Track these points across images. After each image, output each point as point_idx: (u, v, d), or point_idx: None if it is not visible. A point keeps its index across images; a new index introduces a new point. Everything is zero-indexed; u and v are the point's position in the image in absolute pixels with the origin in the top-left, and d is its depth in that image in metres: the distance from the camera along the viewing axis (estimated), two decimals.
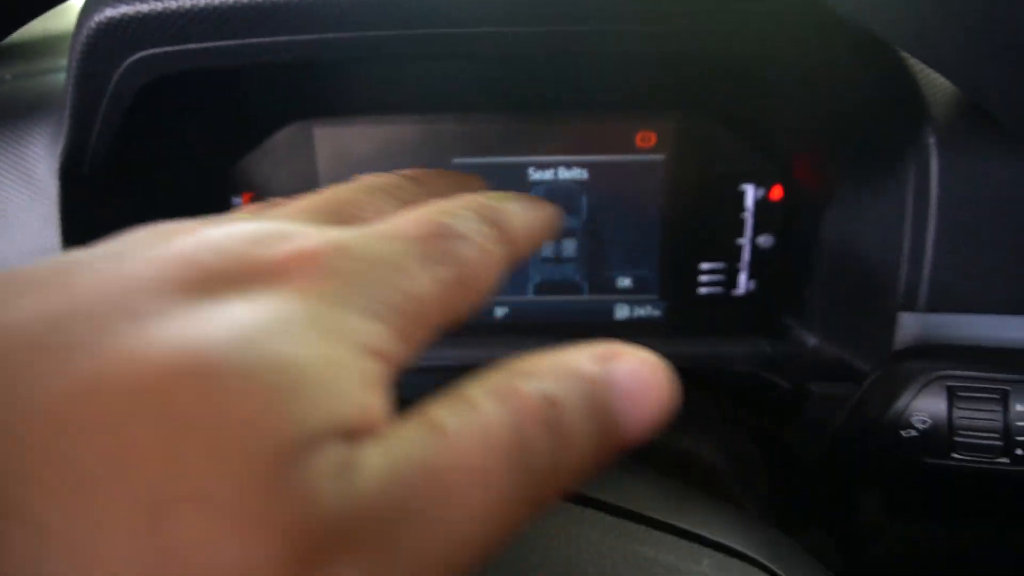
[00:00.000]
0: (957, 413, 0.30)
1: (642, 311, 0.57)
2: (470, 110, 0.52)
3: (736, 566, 0.23)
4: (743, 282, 0.56)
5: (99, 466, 0.09)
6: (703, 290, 0.56)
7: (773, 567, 0.23)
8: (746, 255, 0.55)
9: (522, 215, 0.20)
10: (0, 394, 0.10)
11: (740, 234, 0.54)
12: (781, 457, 0.44)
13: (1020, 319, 0.37)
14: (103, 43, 0.37)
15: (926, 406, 0.31)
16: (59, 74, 0.48)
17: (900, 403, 0.32)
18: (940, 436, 0.31)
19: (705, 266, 0.56)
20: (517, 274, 0.56)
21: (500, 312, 0.57)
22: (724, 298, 0.56)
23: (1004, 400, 0.30)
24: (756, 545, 0.24)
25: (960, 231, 0.39)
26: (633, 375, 0.15)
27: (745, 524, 0.26)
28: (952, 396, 0.31)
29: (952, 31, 0.17)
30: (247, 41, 0.38)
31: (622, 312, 0.57)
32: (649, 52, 0.42)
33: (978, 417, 0.30)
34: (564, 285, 0.56)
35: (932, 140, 0.39)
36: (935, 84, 0.40)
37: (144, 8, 0.36)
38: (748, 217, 0.54)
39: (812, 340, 0.52)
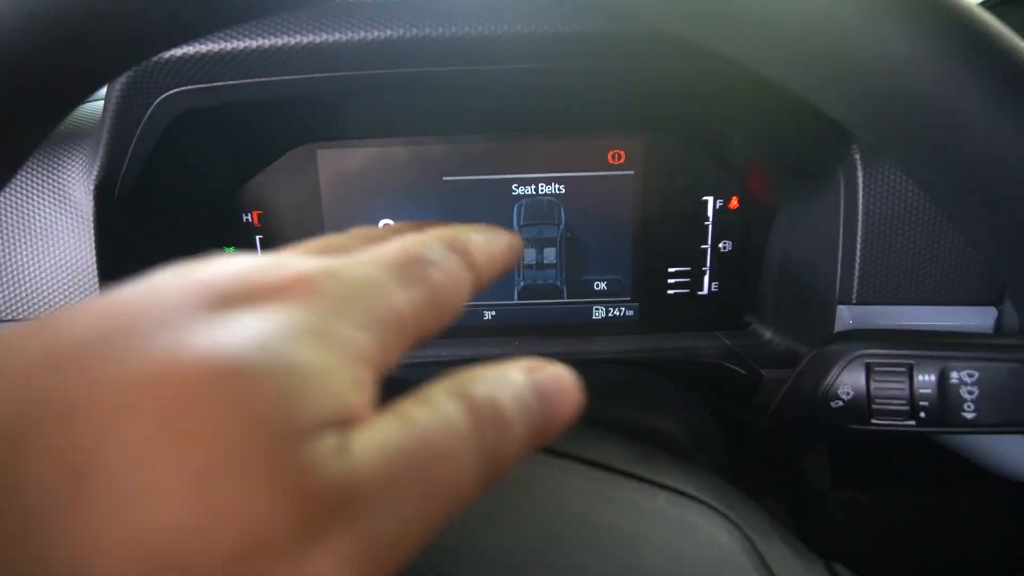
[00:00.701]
0: (873, 385, 0.36)
1: (617, 312, 0.63)
2: (458, 133, 0.58)
3: (688, 503, 0.28)
4: (707, 283, 0.62)
5: (158, 440, 0.12)
6: (672, 291, 0.62)
7: (720, 507, 0.29)
8: (709, 259, 0.61)
9: (485, 244, 0.22)
10: (80, 383, 0.13)
11: (703, 240, 0.61)
12: (739, 434, 0.50)
13: (925, 308, 0.43)
14: (139, 83, 0.43)
15: (849, 380, 0.37)
16: (91, 105, 0.53)
17: (828, 379, 0.37)
18: (861, 405, 0.37)
19: (673, 270, 0.62)
20: (503, 280, 0.62)
21: (488, 315, 0.63)
22: (691, 298, 0.62)
23: (909, 373, 0.36)
24: (707, 490, 0.30)
25: (883, 235, 0.45)
26: (551, 382, 0.18)
27: (698, 476, 0.31)
28: (869, 371, 0.37)
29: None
30: (263, 80, 0.43)
31: (599, 313, 0.63)
32: (618, 82, 0.48)
33: (890, 387, 0.36)
34: (545, 289, 0.62)
35: (858, 157, 0.45)
36: None
37: (176, 53, 0.41)
38: (710, 225, 0.60)
39: (767, 333, 0.59)
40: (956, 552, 0.53)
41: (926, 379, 0.35)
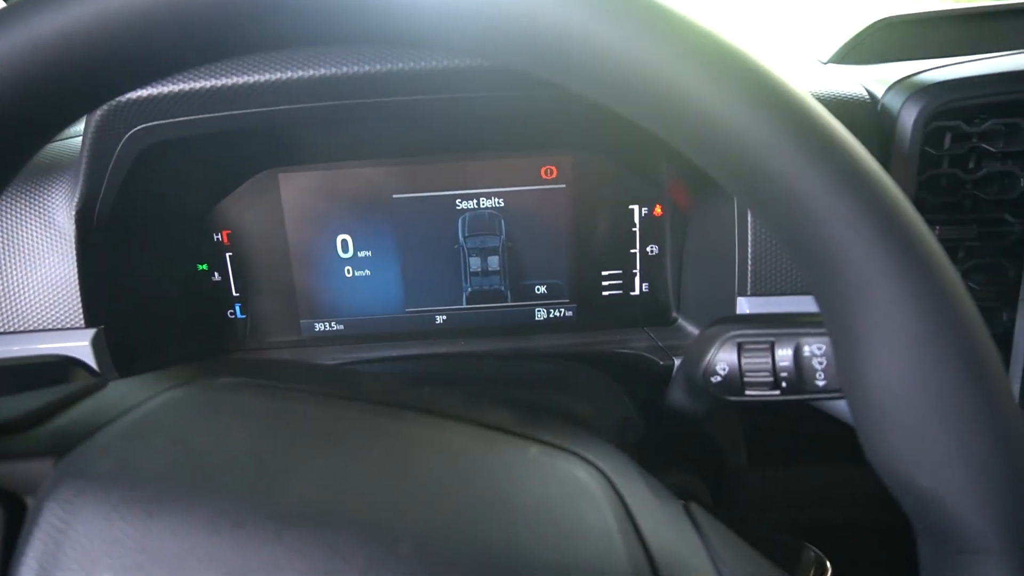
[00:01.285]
0: (744, 361, 0.42)
1: (557, 313, 0.69)
2: (406, 155, 0.64)
3: (557, 452, 0.33)
4: (638, 284, 0.68)
5: None
6: (606, 292, 0.68)
7: (587, 455, 0.34)
8: (639, 262, 0.67)
9: None
10: None
11: (632, 245, 0.67)
12: (658, 418, 0.56)
13: (791, 298, 0.50)
14: (111, 119, 0.49)
15: (724, 358, 0.43)
16: (72, 140, 0.59)
17: (708, 357, 0.43)
18: (735, 379, 0.42)
19: (606, 273, 0.68)
20: (452, 288, 0.68)
21: (440, 319, 0.69)
22: (624, 298, 0.68)
23: (772, 349, 0.42)
24: (580, 444, 0.35)
25: (768, 241, 0.51)
26: None
27: (577, 435, 0.36)
28: (740, 349, 0.42)
29: None
30: (218, 114, 0.50)
31: (541, 314, 0.69)
32: (548, 106, 0.55)
33: (757, 362, 0.42)
34: (491, 294, 0.68)
35: None
36: None
37: (143, 93, 0.48)
38: (637, 231, 0.66)
39: (690, 327, 0.65)
40: (867, 520, 0.59)
41: (785, 353, 0.41)
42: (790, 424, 0.59)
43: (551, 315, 0.69)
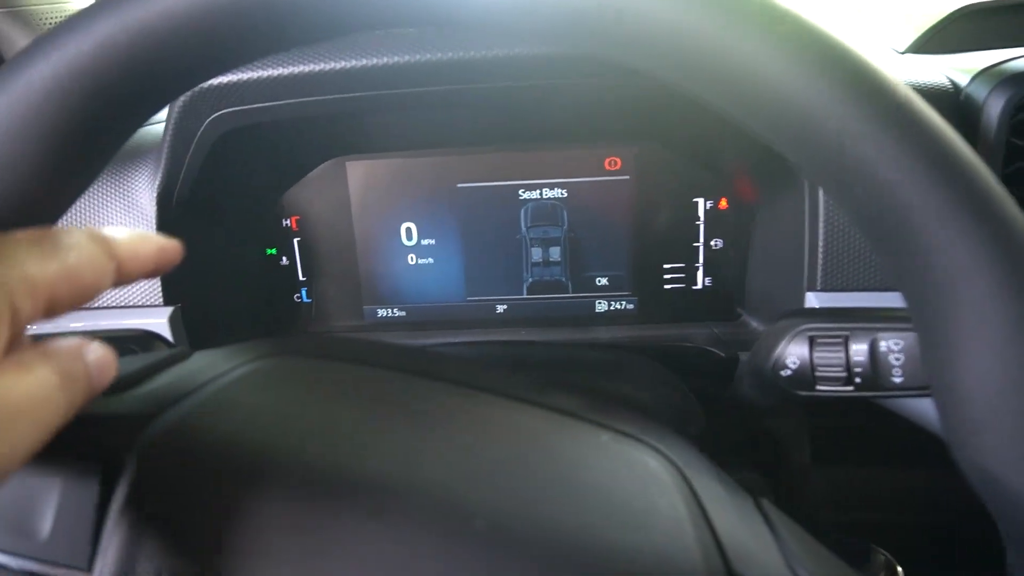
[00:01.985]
0: (816, 355, 0.41)
1: (618, 305, 0.68)
2: (471, 145, 0.65)
3: (628, 440, 0.33)
4: (701, 278, 0.67)
5: None
6: (668, 286, 0.67)
7: (658, 445, 0.34)
8: (702, 256, 0.66)
9: (129, 243, 0.26)
10: None
11: (696, 239, 0.66)
12: (719, 413, 0.55)
13: (882, 294, 0.48)
14: (194, 105, 0.51)
15: (795, 352, 0.42)
16: (154, 126, 0.62)
17: (778, 351, 0.42)
18: (806, 374, 0.41)
19: (668, 266, 0.67)
20: (513, 277, 0.68)
21: (500, 308, 0.69)
22: (686, 292, 0.67)
23: (845, 343, 0.40)
24: (650, 434, 0.35)
25: (842, 230, 0.50)
26: (94, 354, 0.25)
27: (647, 425, 0.36)
28: (812, 343, 0.41)
29: None
30: (296, 100, 0.51)
31: (601, 306, 0.69)
32: (614, 96, 0.54)
33: (829, 357, 0.41)
34: (552, 285, 0.68)
35: None
36: None
37: (224, 80, 0.49)
38: (701, 225, 0.65)
39: (755, 322, 0.63)
40: (934, 524, 0.57)
41: (860, 348, 0.40)
42: (857, 424, 0.58)
43: (611, 307, 0.68)
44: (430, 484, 0.27)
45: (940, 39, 0.62)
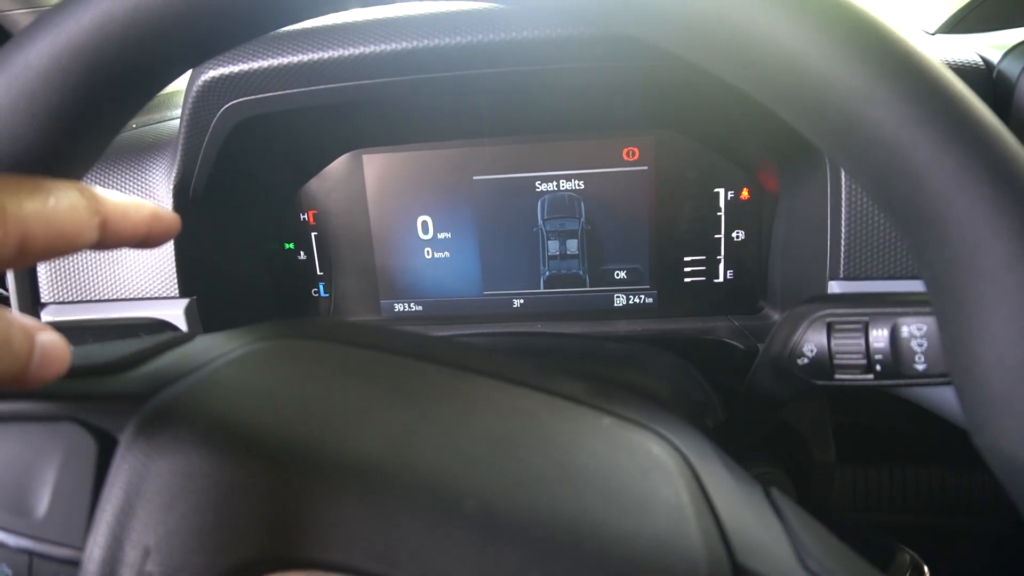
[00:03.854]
0: (834, 342, 0.39)
1: (637, 299, 0.67)
2: (487, 136, 0.64)
3: (630, 425, 0.32)
4: (722, 271, 0.65)
5: None
6: (688, 279, 0.66)
7: (662, 431, 0.33)
8: (723, 248, 0.65)
9: (119, 204, 0.26)
10: None
11: (717, 230, 0.64)
12: (739, 406, 0.53)
13: (906, 282, 0.46)
14: (207, 94, 0.51)
15: (813, 339, 0.40)
16: (169, 122, 0.62)
17: (795, 338, 0.41)
18: (824, 361, 0.40)
19: (689, 259, 0.65)
20: (529, 271, 0.67)
21: (517, 303, 0.68)
22: (707, 285, 0.66)
23: (865, 329, 0.39)
24: (654, 420, 0.34)
25: (865, 217, 0.48)
26: (46, 338, 0.25)
27: (651, 410, 0.35)
28: (830, 330, 0.40)
29: None
30: (310, 88, 0.51)
31: (620, 300, 0.67)
32: (631, 83, 0.53)
33: (848, 343, 0.39)
34: (569, 278, 0.67)
35: None
36: None
37: (235, 68, 0.50)
38: (722, 216, 0.64)
39: (776, 315, 0.62)
40: (960, 526, 0.55)
41: (880, 334, 0.38)
42: (882, 421, 0.55)
43: (630, 301, 0.67)
44: (419, 464, 0.26)
45: (971, 19, 0.60)
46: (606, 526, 0.25)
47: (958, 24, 0.61)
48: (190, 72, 0.53)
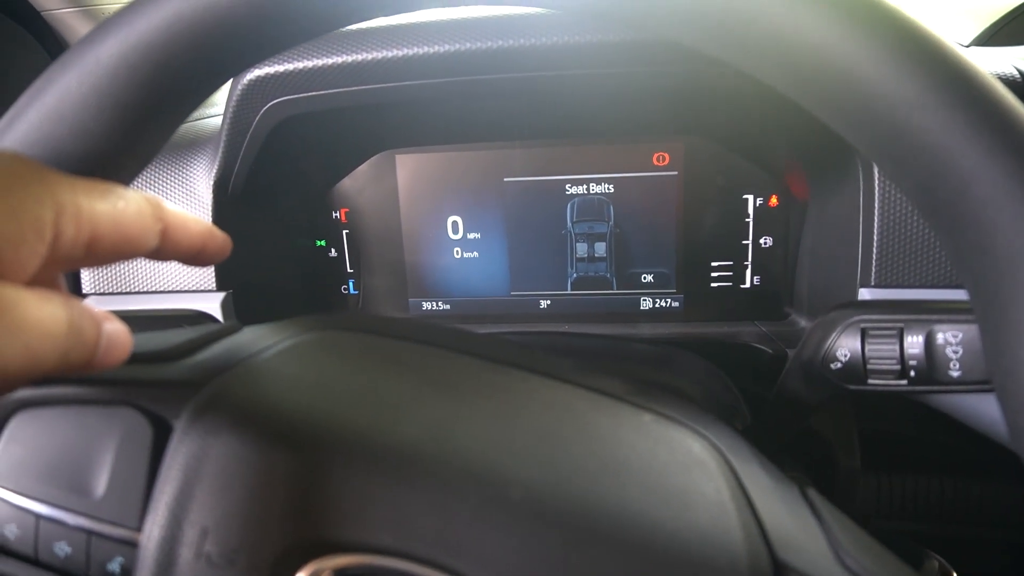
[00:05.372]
0: (868, 348, 0.40)
1: (663, 303, 0.68)
2: (518, 139, 0.65)
3: (670, 423, 0.33)
4: (749, 277, 0.66)
5: None
6: (715, 284, 0.66)
7: (701, 429, 0.33)
8: (751, 254, 0.65)
9: (181, 217, 0.27)
10: None
11: (745, 236, 0.65)
12: (766, 411, 0.54)
13: (938, 291, 0.47)
14: (251, 93, 0.52)
15: (846, 344, 0.41)
16: (209, 120, 0.64)
17: (828, 343, 0.41)
18: (857, 367, 0.40)
19: (716, 264, 0.66)
20: (557, 273, 0.68)
21: (544, 304, 0.69)
22: (733, 291, 0.66)
23: (900, 335, 0.39)
24: (693, 418, 0.34)
25: (898, 224, 0.48)
26: (111, 327, 0.25)
27: (689, 409, 0.36)
28: (864, 335, 0.40)
29: None
30: (352, 88, 0.52)
31: (646, 303, 0.68)
32: (662, 88, 0.54)
33: (882, 349, 0.39)
34: (596, 280, 0.68)
35: None
36: None
37: (279, 68, 0.51)
38: (751, 222, 0.64)
39: (803, 321, 0.62)
40: (984, 536, 0.55)
41: (915, 340, 0.38)
42: (910, 430, 0.56)
43: (657, 304, 0.68)
44: (466, 452, 0.27)
45: (1007, 32, 0.60)
46: (648, 518, 0.26)
47: (991, 38, 0.61)
48: None
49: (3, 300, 0.20)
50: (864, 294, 0.50)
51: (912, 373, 0.39)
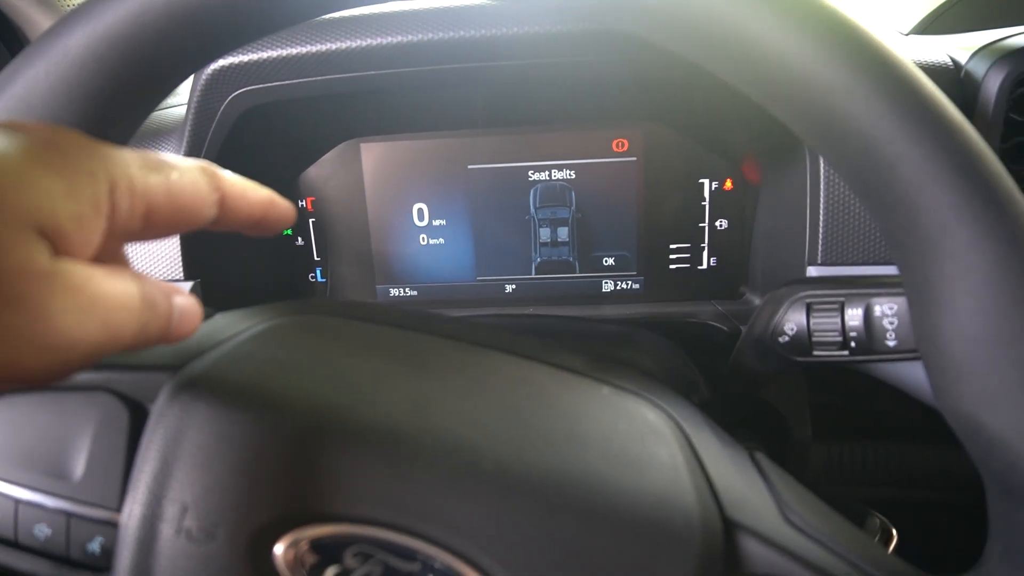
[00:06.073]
0: (812, 321, 0.42)
1: (624, 285, 0.70)
2: (481, 127, 0.66)
3: (628, 395, 0.35)
4: (706, 258, 0.68)
5: None
6: (674, 266, 0.69)
7: (659, 402, 0.35)
8: (707, 236, 0.67)
9: (239, 185, 0.27)
10: None
11: (701, 220, 0.67)
12: (722, 385, 0.56)
13: (881, 267, 0.50)
14: (215, 83, 0.53)
15: (793, 318, 0.43)
16: (172, 109, 0.64)
17: (776, 318, 0.44)
18: (803, 339, 0.43)
19: (674, 246, 0.68)
20: (522, 257, 0.70)
21: (509, 288, 0.71)
22: (691, 272, 0.69)
23: (841, 309, 0.42)
24: (649, 389, 0.36)
25: (842, 206, 0.51)
26: (182, 299, 0.25)
27: (646, 381, 0.38)
28: (809, 310, 0.43)
29: None
30: (317, 78, 0.53)
31: (608, 286, 0.70)
32: (621, 76, 0.56)
33: (825, 322, 0.42)
34: (560, 265, 0.70)
35: None
36: None
37: (244, 58, 0.51)
38: (707, 206, 0.67)
39: (757, 299, 0.65)
40: (932, 499, 0.58)
41: (855, 313, 0.41)
42: (856, 401, 0.59)
43: (618, 286, 0.70)
44: (438, 426, 0.28)
45: (944, 21, 0.63)
46: (609, 483, 0.28)
47: (931, 25, 0.64)
48: None
49: (75, 277, 0.20)
50: (812, 272, 0.53)
51: (853, 344, 0.41)
